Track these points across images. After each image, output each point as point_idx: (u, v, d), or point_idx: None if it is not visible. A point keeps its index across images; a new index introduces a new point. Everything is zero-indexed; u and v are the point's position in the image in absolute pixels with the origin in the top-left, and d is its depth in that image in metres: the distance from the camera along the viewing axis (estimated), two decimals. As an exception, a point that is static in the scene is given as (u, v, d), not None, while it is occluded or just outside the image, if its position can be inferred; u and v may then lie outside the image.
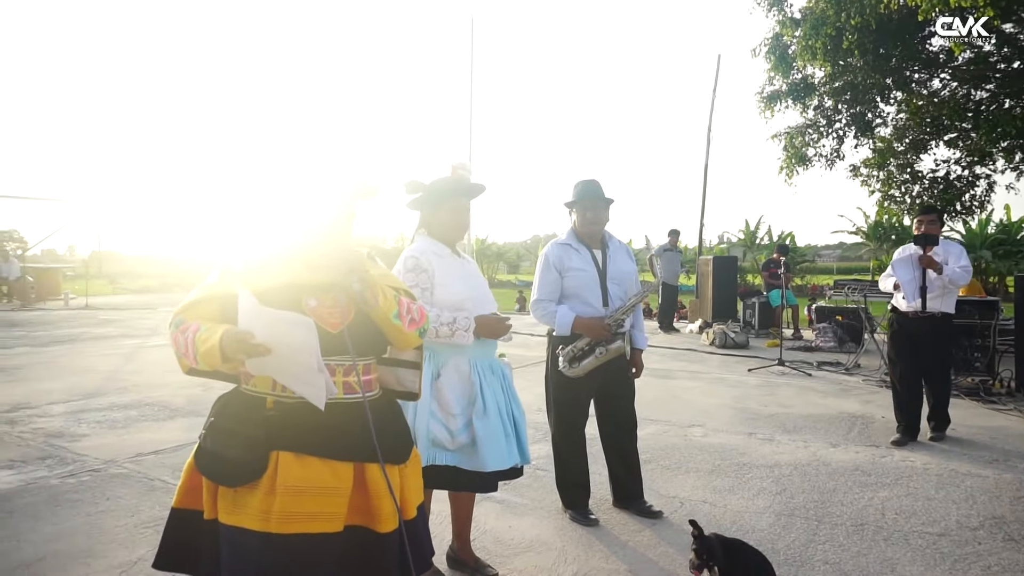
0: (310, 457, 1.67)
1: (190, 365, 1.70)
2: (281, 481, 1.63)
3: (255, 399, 1.73)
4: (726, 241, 35.51)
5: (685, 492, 3.80)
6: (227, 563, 1.66)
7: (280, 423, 1.69)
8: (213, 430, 1.74)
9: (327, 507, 1.66)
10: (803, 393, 6.68)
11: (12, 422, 5.12)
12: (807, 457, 4.49)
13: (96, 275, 24.46)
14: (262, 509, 1.63)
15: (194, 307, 1.72)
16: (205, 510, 1.72)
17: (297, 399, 1.68)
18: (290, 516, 1.62)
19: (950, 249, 4.81)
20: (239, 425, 1.70)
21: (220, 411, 1.78)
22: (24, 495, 3.60)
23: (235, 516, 1.65)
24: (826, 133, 12.39)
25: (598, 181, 3.33)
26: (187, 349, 1.66)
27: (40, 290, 17.52)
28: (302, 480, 1.64)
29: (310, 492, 1.65)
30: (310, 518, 1.64)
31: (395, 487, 1.76)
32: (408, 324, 1.81)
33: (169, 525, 1.82)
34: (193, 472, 1.76)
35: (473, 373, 2.60)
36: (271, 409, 1.71)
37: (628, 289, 3.36)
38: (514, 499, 3.60)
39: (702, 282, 12.58)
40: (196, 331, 1.65)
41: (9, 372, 7.23)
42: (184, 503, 1.79)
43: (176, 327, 1.70)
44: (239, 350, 1.58)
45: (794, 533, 3.24)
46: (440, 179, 2.69)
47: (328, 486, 1.67)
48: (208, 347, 1.60)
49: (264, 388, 1.73)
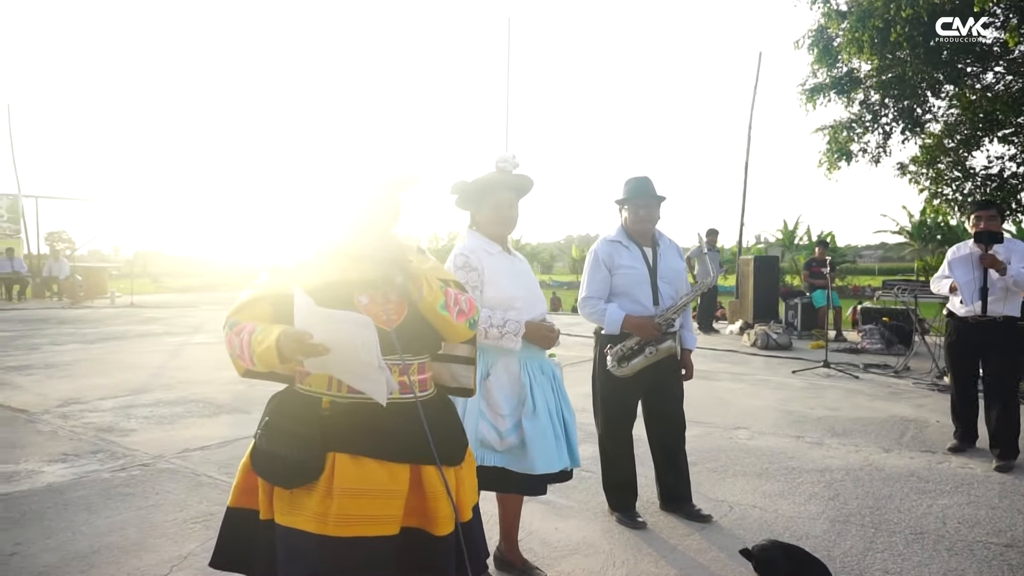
0: (367, 459, 1.64)
1: (246, 367, 1.67)
2: (338, 483, 1.61)
3: (310, 399, 1.70)
4: (763, 241, 34.99)
5: (734, 496, 3.71)
6: (283, 565, 1.64)
7: (336, 423, 1.66)
8: (268, 430, 1.72)
9: (384, 510, 1.63)
10: (851, 396, 6.49)
11: (65, 416, 5.25)
12: (859, 462, 4.35)
13: (140, 274, 25.10)
14: (319, 511, 1.60)
15: (247, 308, 1.70)
16: (261, 510, 1.71)
17: (353, 399, 1.66)
18: (348, 519, 1.59)
19: (1013, 247, 4.43)
20: (295, 425, 1.68)
21: (275, 410, 1.76)
22: (78, 488, 3.68)
23: (291, 517, 1.63)
24: (871, 128, 12.03)
25: (649, 178, 3.27)
26: (243, 351, 1.63)
27: (88, 289, 18.00)
28: (359, 482, 1.62)
29: (367, 494, 1.62)
30: (368, 521, 1.61)
31: (451, 489, 1.72)
32: (456, 315, 1.77)
33: (225, 524, 1.81)
34: (248, 472, 1.75)
35: (523, 373, 2.56)
36: (327, 409, 1.68)
37: (678, 288, 3.29)
38: (559, 500, 3.55)
39: (742, 282, 12.35)
40: (251, 332, 1.63)
41: (61, 368, 7.42)
42: (240, 502, 1.78)
43: (230, 329, 1.68)
44: (297, 350, 1.55)
45: (850, 540, 3.13)
46: (483, 175, 2.65)
47: (385, 488, 1.64)
48: (265, 348, 1.58)
49: (319, 387, 1.70)
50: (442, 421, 1.82)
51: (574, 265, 41.99)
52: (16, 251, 19.22)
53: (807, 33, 11.24)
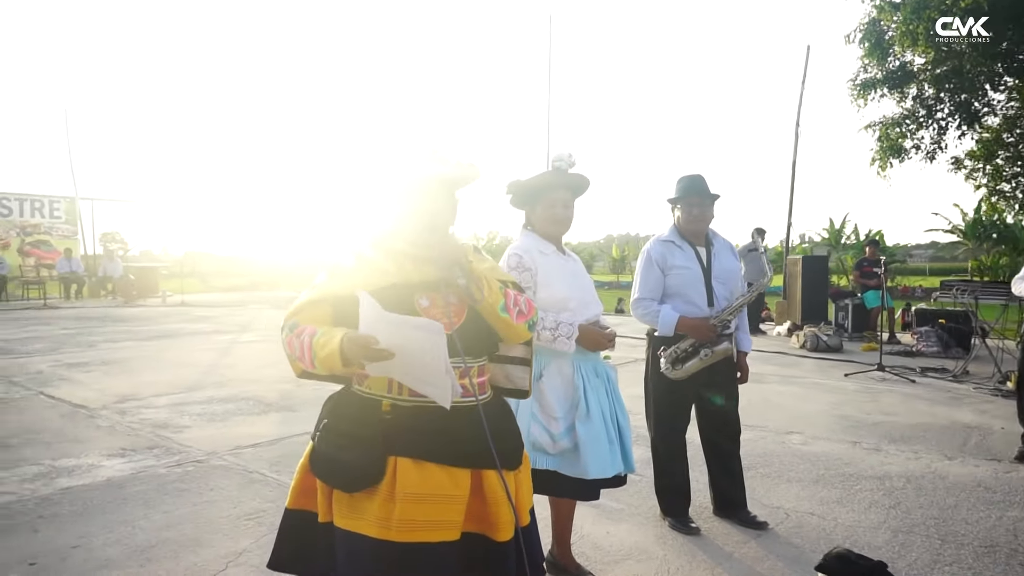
0: (428, 463, 1.61)
1: (305, 368, 1.65)
2: (400, 488, 1.58)
3: (370, 401, 1.68)
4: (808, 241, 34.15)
5: (789, 503, 3.60)
6: (343, 568, 1.62)
7: (397, 427, 1.63)
8: (328, 432, 1.70)
9: (446, 515, 1.61)
10: (908, 400, 6.27)
11: (122, 412, 5.39)
12: (920, 469, 4.19)
13: (189, 274, 25.77)
14: (381, 516, 1.58)
15: (306, 309, 1.68)
16: (320, 512, 1.70)
17: (414, 402, 1.63)
18: (411, 524, 1.57)
19: None
20: (355, 428, 1.65)
21: (333, 412, 1.73)
22: (136, 483, 3.77)
23: (352, 521, 1.61)
24: (926, 123, 11.65)
25: (703, 176, 3.19)
26: (303, 353, 1.61)
27: (140, 288, 18.56)
28: (422, 487, 1.59)
29: (430, 499, 1.59)
30: (430, 526, 1.59)
31: (511, 493, 1.69)
32: (516, 317, 1.74)
33: (283, 525, 1.81)
34: (307, 473, 1.73)
35: (576, 376, 2.52)
36: (387, 412, 1.65)
37: (733, 288, 3.20)
38: (611, 504, 3.50)
39: (790, 283, 12.06)
40: (312, 335, 1.60)
41: (117, 365, 7.65)
42: (298, 504, 1.77)
43: (290, 331, 1.66)
44: (361, 355, 1.52)
45: (915, 552, 3.01)
46: (538, 174, 2.62)
47: (447, 493, 1.61)
48: (328, 352, 1.55)
49: (379, 390, 1.67)
50: (501, 424, 1.79)
51: (614, 265, 41.62)
52: (73, 251, 19.96)
53: (858, 26, 10.95)
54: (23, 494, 3.58)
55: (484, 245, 43.35)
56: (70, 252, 19.51)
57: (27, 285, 18.49)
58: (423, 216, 1.71)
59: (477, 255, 1.80)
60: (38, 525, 3.19)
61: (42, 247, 20.47)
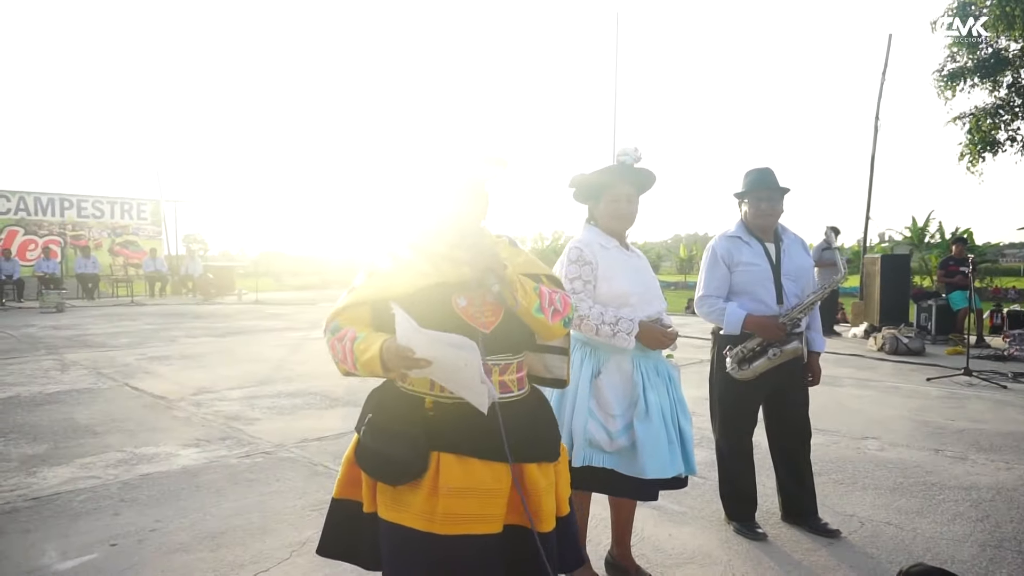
0: (471, 459, 1.64)
1: (348, 370, 1.70)
2: (443, 482, 1.61)
3: (413, 398, 1.71)
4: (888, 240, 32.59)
5: (864, 511, 3.43)
6: (388, 560, 1.66)
7: (440, 423, 1.66)
8: (372, 427, 1.73)
9: (489, 508, 1.64)
10: (998, 408, 5.88)
11: (198, 404, 5.63)
12: (1012, 481, 3.91)
13: (264, 273, 26.75)
14: (425, 510, 1.61)
15: (347, 312, 1.71)
16: (364, 503, 1.74)
17: (456, 400, 1.65)
18: (454, 517, 1.60)
19: None
20: (400, 424, 1.68)
21: (377, 407, 1.76)
22: (208, 472, 3.92)
23: (396, 513, 1.65)
24: (1022, 113, 10.91)
25: (771, 169, 3.07)
26: (345, 356, 1.66)
27: (218, 286, 19.41)
28: (464, 482, 1.62)
29: (472, 494, 1.62)
30: (473, 519, 1.61)
31: (551, 485, 1.74)
32: (552, 316, 1.74)
33: (330, 515, 1.86)
34: (352, 465, 1.78)
35: (636, 373, 2.46)
36: (430, 409, 1.68)
37: (805, 286, 3.07)
38: (672, 506, 3.41)
39: (868, 283, 11.54)
40: (353, 339, 1.64)
41: (195, 359, 8.00)
42: (344, 494, 1.82)
43: (333, 333, 1.70)
44: (400, 364, 1.56)
45: (1006, 569, 2.81)
46: (603, 168, 2.57)
47: (489, 488, 1.64)
48: (369, 357, 1.59)
49: (422, 388, 1.70)
50: (538, 418, 1.81)
51: (681, 265, 40.84)
52: (158, 251, 21.04)
53: (946, 11, 10.34)
54: (107, 479, 3.78)
55: (549, 244, 43.27)
56: (155, 252, 20.60)
57: (116, 283, 19.62)
58: (455, 218, 1.74)
59: (512, 249, 1.81)
60: (119, 508, 3.36)
61: (130, 247, 21.67)
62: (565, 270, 2.48)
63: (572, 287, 2.44)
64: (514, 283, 1.68)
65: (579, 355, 2.48)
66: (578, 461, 2.40)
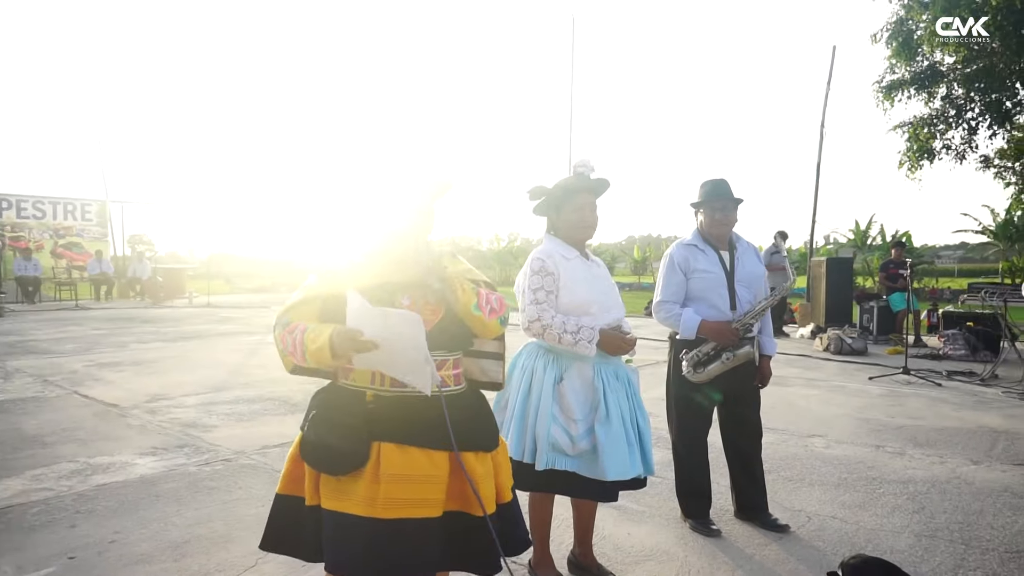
0: (410, 447, 1.75)
1: (296, 363, 1.81)
2: (384, 469, 1.72)
3: (355, 393, 1.82)
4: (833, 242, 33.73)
5: (811, 506, 3.60)
6: (331, 545, 1.75)
7: (380, 415, 1.77)
8: (316, 422, 1.83)
9: (428, 494, 1.75)
10: (934, 404, 6.21)
11: (153, 411, 5.53)
12: (945, 474, 4.15)
13: (215, 275, 26.14)
14: (368, 496, 1.71)
15: (297, 308, 1.83)
16: (307, 496, 1.83)
17: (395, 393, 1.78)
18: (395, 502, 1.70)
19: None
20: (342, 416, 1.79)
21: (321, 403, 1.87)
22: (167, 480, 3.87)
23: (339, 502, 1.74)
24: (955, 124, 11.48)
25: (726, 180, 3.21)
26: (295, 348, 1.76)
27: (168, 289, 18.91)
28: (404, 468, 1.73)
29: (412, 480, 1.73)
30: (413, 504, 1.72)
31: (488, 473, 1.87)
32: (488, 314, 1.88)
33: (274, 510, 1.95)
34: (296, 461, 1.87)
35: (596, 379, 2.56)
36: (371, 402, 1.79)
37: (757, 292, 3.22)
38: (631, 506, 3.53)
39: (814, 285, 11.97)
40: (304, 331, 1.75)
41: (147, 365, 7.82)
42: (288, 490, 1.91)
43: (283, 327, 1.81)
44: (349, 347, 1.67)
45: (939, 557, 3.00)
46: (563, 180, 2.67)
47: (428, 474, 1.75)
48: (318, 345, 1.70)
49: (363, 383, 1.81)
50: (476, 412, 1.94)
51: (635, 266, 41.46)
52: (104, 253, 20.38)
53: (885, 25, 10.81)
54: (61, 490, 3.70)
55: (505, 246, 43.40)
56: (101, 254, 19.94)
57: (59, 286, 18.93)
58: (405, 225, 1.88)
59: (453, 260, 1.96)
60: (76, 520, 3.30)
61: (74, 249, 20.94)
62: (528, 280, 2.56)
63: (535, 297, 2.52)
64: (453, 282, 1.83)
65: (542, 362, 2.57)
66: (542, 464, 2.49)
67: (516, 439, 2.51)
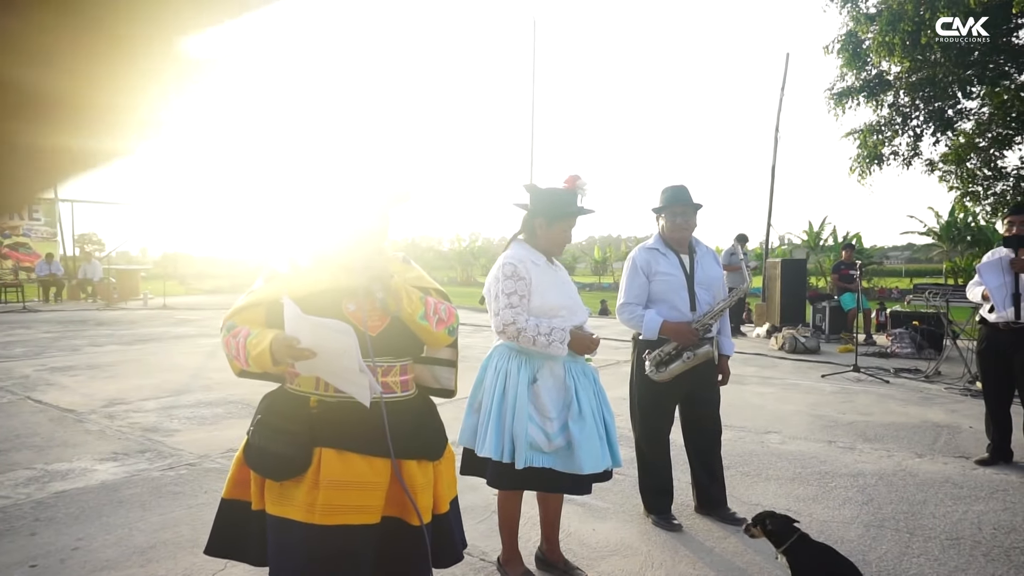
0: (350, 453, 1.77)
1: (241, 367, 1.82)
2: (324, 476, 1.73)
3: (299, 398, 1.83)
4: (788, 243, 34.63)
5: (767, 500, 3.75)
6: (273, 551, 1.77)
7: (323, 421, 1.79)
8: (260, 427, 1.85)
9: (367, 500, 1.76)
10: (882, 401, 6.48)
11: (111, 416, 5.43)
12: (892, 467, 4.36)
13: (170, 276, 25.55)
14: (307, 502, 1.73)
15: (242, 312, 1.84)
16: (253, 501, 1.85)
17: (339, 398, 1.79)
18: (333, 508, 1.72)
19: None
20: (285, 422, 1.81)
21: (267, 408, 1.89)
22: (130, 486, 3.82)
23: (281, 508, 1.76)
24: (902, 130, 11.95)
25: (686, 187, 3.33)
26: (239, 352, 1.77)
27: (121, 290, 18.40)
28: (343, 475, 1.74)
29: (351, 486, 1.75)
30: (351, 510, 1.74)
31: (428, 483, 1.88)
32: (436, 324, 1.89)
33: (219, 514, 1.96)
34: (242, 465, 1.88)
35: (568, 377, 2.64)
36: (314, 407, 1.81)
37: (716, 294, 3.34)
38: (596, 502, 3.62)
39: (769, 285, 12.30)
40: (247, 336, 1.77)
41: (103, 369, 7.64)
42: (233, 494, 1.92)
43: (228, 331, 1.82)
44: (287, 354, 1.69)
45: (885, 545, 3.17)
46: (560, 193, 2.72)
47: (368, 480, 1.77)
48: (259, 351, 1.72)
49: (308, 388, 1.83)
50: (423, 420, 1.95)
51: (596, 267, 41.89)
52: (54, 255, 19.73)
53: (836, 37, 11.21)
54: (18, 498, 3.63)
55: (467, 246, 43.38)
56: (51, 256, 19.29)
57: (5, 288, 18.27)
58: (356, 232, 1.87)
59: (405, 265, 1.97)
60: (36, 528, 3.25)
61: (21, 250, 20.25)
62: (501, 285, 2.63)
63: (510, 301, 2.59)
64: (399, 292, 1.82)
65: (515, 363, 2.64)
66: (521, 463, 2.56)
67: (495, 440, 2.57)
